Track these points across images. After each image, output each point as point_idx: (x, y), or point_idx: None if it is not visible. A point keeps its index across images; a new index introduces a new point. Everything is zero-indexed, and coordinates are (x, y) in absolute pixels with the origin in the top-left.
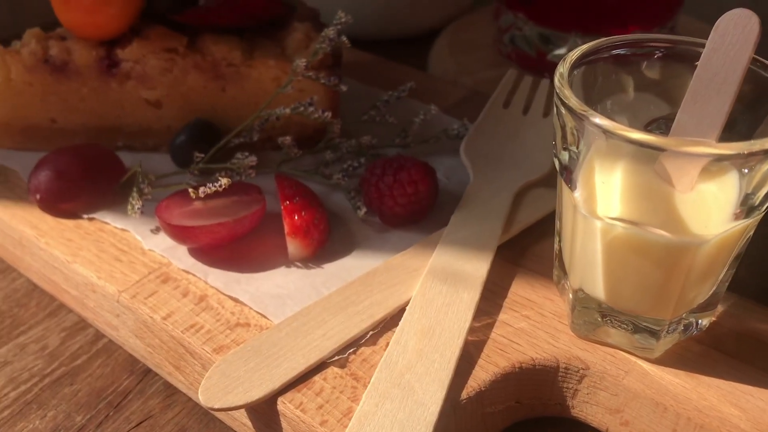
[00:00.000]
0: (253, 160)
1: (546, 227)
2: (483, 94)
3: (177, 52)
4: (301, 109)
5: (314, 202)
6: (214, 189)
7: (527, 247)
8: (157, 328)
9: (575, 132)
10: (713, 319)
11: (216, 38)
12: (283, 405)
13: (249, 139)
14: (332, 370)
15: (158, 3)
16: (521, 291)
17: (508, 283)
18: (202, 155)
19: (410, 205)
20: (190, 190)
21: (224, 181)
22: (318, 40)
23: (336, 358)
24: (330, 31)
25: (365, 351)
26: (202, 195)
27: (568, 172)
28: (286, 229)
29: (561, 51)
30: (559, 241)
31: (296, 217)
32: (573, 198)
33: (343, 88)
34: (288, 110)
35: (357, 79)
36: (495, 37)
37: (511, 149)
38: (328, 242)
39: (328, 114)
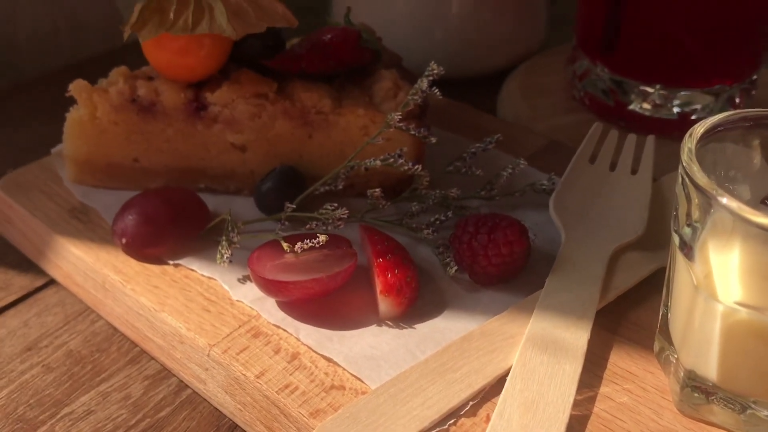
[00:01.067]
0: (344, 212)
1: (640, 293)
2: (562, 144)
3: (267, 98)
4: (391, 160)
5: (406, 259)
6: (310, 245)
7: (623, 314)
8: (250, 386)
9: (701, 209)
10: None
11: (306, 85)
12: None
13: (334, 187)
14: None
15: (247, 47)
16: (620, 362)
17: (606, 353)
18: (293, 205)
19: (504, 265)
20: (285, 245)
21: (322, 238)
22: (410, 91)
23: (436, 429)
24: (423, 83)
25: (465, 423)
26: (298, 251)
27: (688, 249)
28: (379, 287)
29: (641, 102)
30: (667, 314)
31: (389, 275)
32: (692, 275)
33: (433, 140)
34: (378, 162)
35: (433, 123)
36: (569, 82)
37: (600, 207)
38: (417, 300)
39: (418, 167)
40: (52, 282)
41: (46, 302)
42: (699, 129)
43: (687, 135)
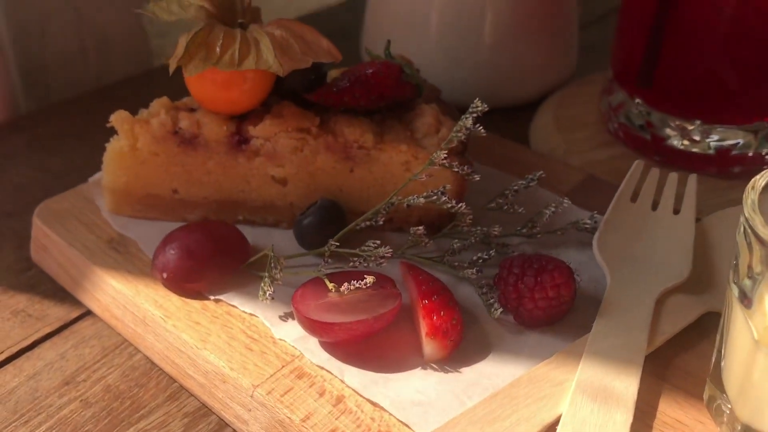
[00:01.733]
0: (387, 251)
1: (686, 338)
2: (599, 179)
3: (309, 132)
4: (434, 197)
5: (451, 300)
6: (356, 287)
7: (670, 360)
8: (295, 429)
9: (763, 261)
10: None
11: (349, 120)
12: None
13: (374, 222)
14: None
15: (290, 80)
16: (670, 411)
17: (655, 401)
18: (336, 243)
19: (551, 308)
20: (331, 285)
21: (369, 280)
22: (452, 127)
23: None
24: (467, 121)
25: None
26: (345, 293)
27: (748, 300)
28: (425, 329)
29: (678, 137)
30: (720, 362)
31: (435, 318)
32: (751, 328)
33: (476, 177)
34: (422, 199)
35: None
36: (604, 114)
37: (644, 248)
38: (461, 341)
39: (462, 205)
40: (88, 313)
41: (82, 334)
42: (761, 181)
43: (749, 187)
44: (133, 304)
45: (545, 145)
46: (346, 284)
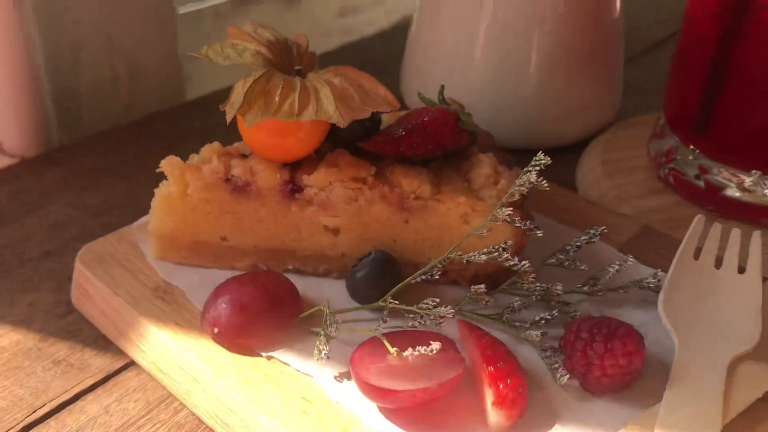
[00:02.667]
0: (449, 311)
1: (758, 408)
2: (656, 231)
3: (364, 182)
4: (496, 254)
5: (517, 366)
6: (421, 353)
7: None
8: None
9: None
10: None
11: (405, 169)
12: None
13: (430, 276)
14: None
15: (345, 128)
16: None
17: None
18: (395, 301)
19: (620, 376)
20: (393, 349)
21: (435, 347)
22: (511, 178)
23: None
24: (531, 175)
25: None
26: (409, 358)
27: None
28: (492, 398)
29: (734, 188)
30: None
31: (501, 386)
32: None
33: (539, 233)
34: (483, 257)
35: None
36: (654, 160)
37: (710, 309)
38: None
39: (525, 264)
40: (132, 363)
41: (126, 386)
42: None
43: None
44: (182, 358)
45: (594, 190)
46: (410, 349)
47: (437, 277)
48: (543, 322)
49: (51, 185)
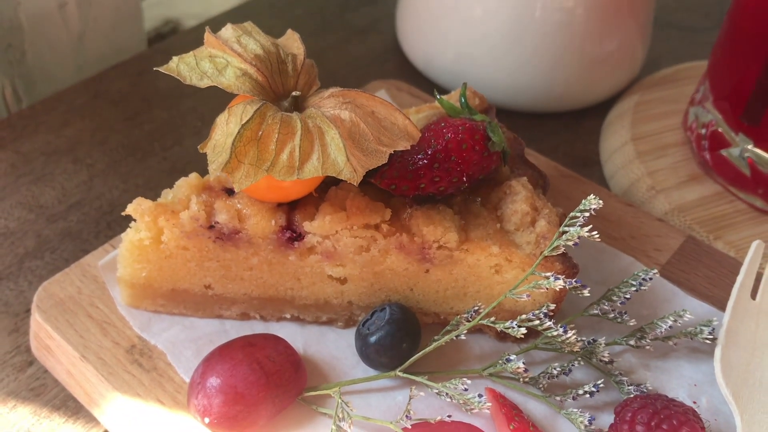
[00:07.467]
0: (484, 405)
1: None
2: (701, 244)
3: (378, 229)
4: (536, 322)
5: None
6: None
7: None
8: None
9: None
10: None
11: (427, 213)
12: None
13: (455, 337)
14: None
15: None
16: None
17: None
18: (412, 376)
19: None
20: None
21: None
22: (559, 234)
23: None
24: (581, 230)
25: None
26: None
27: None
28: None
29: None
30: None
31: None
32: None
33: (587, 292)
34: (523, 329)
35: None
36: (692, 136)
37: None
38: None
39: (572, 335)
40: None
41: None
42: None
43: None
44: None
45: (624, 177)
46: None
47: (463, 338)
48: (587, 396)
49: None
